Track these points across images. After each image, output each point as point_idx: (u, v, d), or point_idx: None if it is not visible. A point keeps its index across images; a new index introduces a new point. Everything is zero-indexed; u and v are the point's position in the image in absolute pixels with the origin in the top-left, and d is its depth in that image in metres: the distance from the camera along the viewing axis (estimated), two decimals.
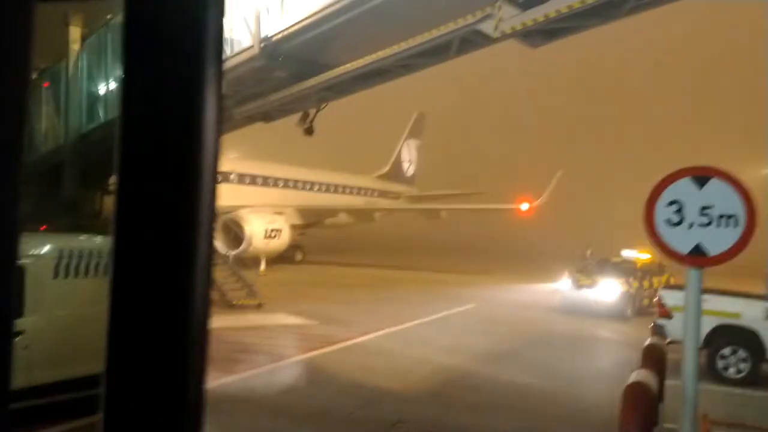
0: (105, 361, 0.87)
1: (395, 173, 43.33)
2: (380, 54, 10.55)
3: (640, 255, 18.88)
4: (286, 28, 11.14)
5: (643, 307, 17.47)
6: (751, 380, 10.11)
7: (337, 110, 15.50)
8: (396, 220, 43.07)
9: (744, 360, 10.22)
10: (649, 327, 10.51)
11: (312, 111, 14.07)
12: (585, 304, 17.05)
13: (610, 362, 11.76)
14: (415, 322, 14.35)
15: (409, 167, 44.81)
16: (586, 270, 18.18)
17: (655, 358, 5.07)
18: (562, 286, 17.95)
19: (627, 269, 18.08)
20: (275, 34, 11.32)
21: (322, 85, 12.42)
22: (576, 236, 28.52)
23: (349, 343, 11.74)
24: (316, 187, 34.10)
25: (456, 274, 27.33)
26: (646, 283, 17.95)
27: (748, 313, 10.34)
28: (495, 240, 40.37)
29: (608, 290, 16.99)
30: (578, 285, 17.45)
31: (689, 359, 4.15)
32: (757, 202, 3.79)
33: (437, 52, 10.19)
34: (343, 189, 36.56)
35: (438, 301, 17.71)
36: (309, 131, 13.99)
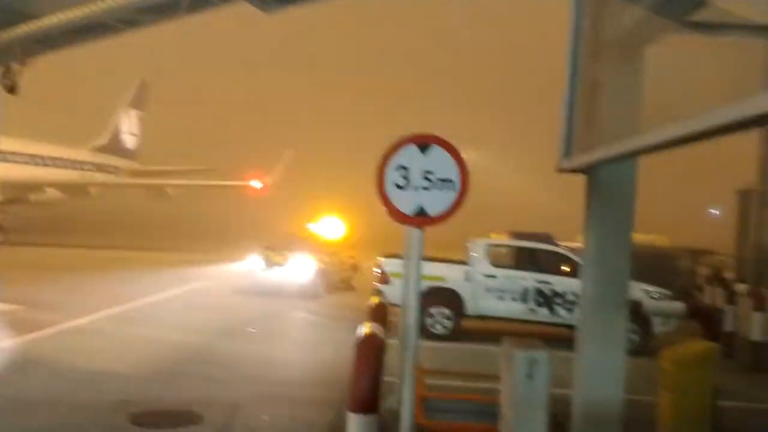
0: None
1: (114, 146, 39.93)
2: (97, 6, 9.47)
3: (324, 230, 18.30)
4: None
5: (333, 282, 17.18)
6: (453, 335, 11.58)
7: (48, 72, 13.70)
8: (120, 198, 39.83)
9: (448, 318, 11.65)
10: (372, 291, 11.38)
11: (16, 66, 12.11)
12: (279, 283, 15.80)
13: (324, 334, 12.22)
14: (135, 303, 13.53)
15: (130, 140, 41.60)
16: (277, 247, 16.89)
17: (379, 315, 5.43)
18: (253, 265, 16.49)
19: (317, 244, 17.46)
20: None
21: (27, 36, 10.79)
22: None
23: (62, 327, 10.55)
24: (17, 159, 29.76)
25: (178, 254, 26.23)
26: (335, 258, 17.61)
27: (451, 276, 11.81)
28: (229, 218, 39.57)
29: (301, 268, 15.99)
30: (270, 263, 16.24)
31: (410, 311, 4.55)
32: (469, 168, 4.31)
33: (165, 9, 9.46)
34: (52, 161, 32.54)
35: (156, 282, 16.80)
36: (11, 89, 12.03)
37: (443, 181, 4.29)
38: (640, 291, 11.16)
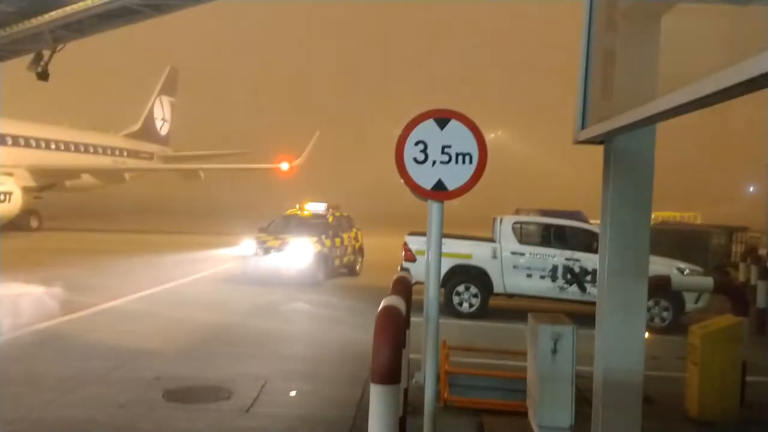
0: None
1: (147, 132, 40.60)
2: None
3: (322, 208, 16.43)
4: None
5: (335, 268, 15.77)
6: (481, 313, 11.60)
7: (81, 59, 13.96)
8: (153, 182, 40.68)
9: (475, 296, 11.67)
10: (398, 268, 11.44)
11: (46, 53, 12.42)
12: (275, 270, 14.30)
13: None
14: (169, 285, 13.78)
15: (162, 125, 42.25)
16: (272, 229, 15.59)
17: (403, 288, 5.48)
18: (246, 251, 14.78)
19: (318, 225, 15.60)
20: None
21: (57, 22, 11.03)
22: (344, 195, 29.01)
23: (98, 308, 10.88)
24: (54, 145, 30.52)
25: (208, 237, 26.39)
26: (337, 241, 15.82)
27: (478, 253, 11.79)
28: (261, 201, 39.90)
29: (300, 251, 14.45)
30: (265, 248, 14.61)
31: (432, 284, 4.59)
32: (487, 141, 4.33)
33: None
34: (86, 148, 33.26)
35: (189, 264, 16.90)
36: (43, 76, 12.33)
37: (462, 155, 4.31)
38: (672, 267, 11.03)
